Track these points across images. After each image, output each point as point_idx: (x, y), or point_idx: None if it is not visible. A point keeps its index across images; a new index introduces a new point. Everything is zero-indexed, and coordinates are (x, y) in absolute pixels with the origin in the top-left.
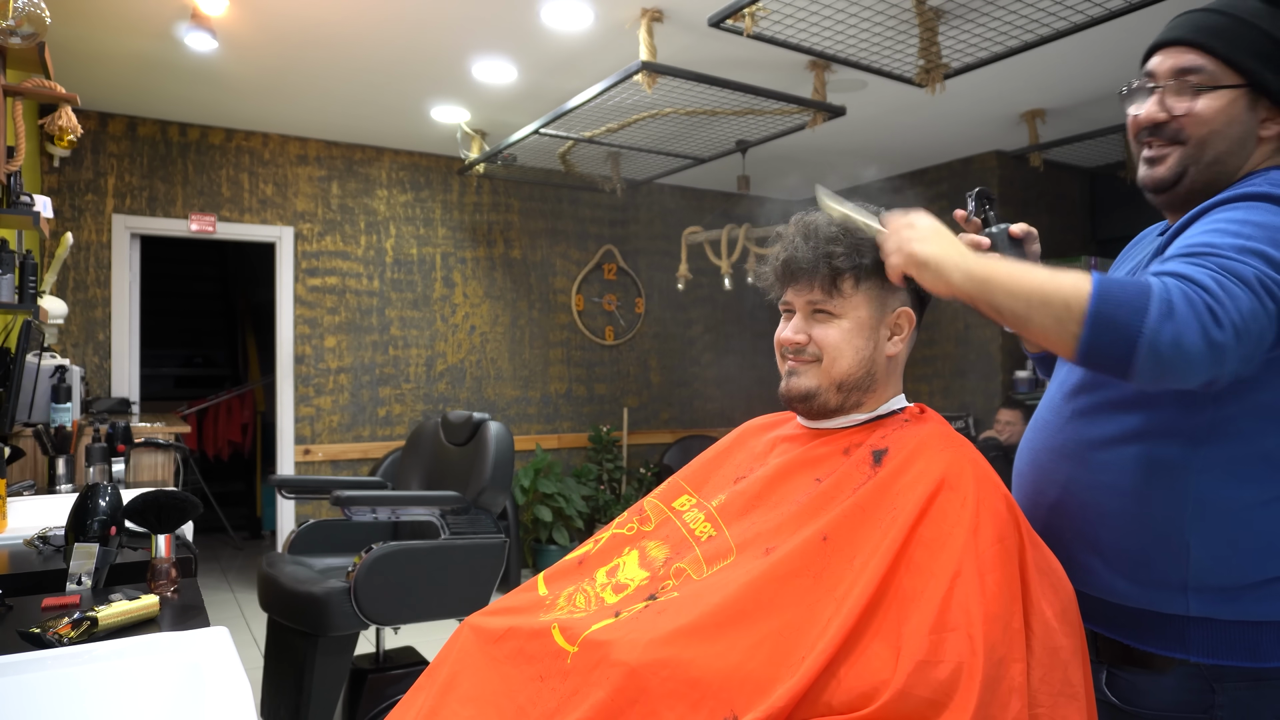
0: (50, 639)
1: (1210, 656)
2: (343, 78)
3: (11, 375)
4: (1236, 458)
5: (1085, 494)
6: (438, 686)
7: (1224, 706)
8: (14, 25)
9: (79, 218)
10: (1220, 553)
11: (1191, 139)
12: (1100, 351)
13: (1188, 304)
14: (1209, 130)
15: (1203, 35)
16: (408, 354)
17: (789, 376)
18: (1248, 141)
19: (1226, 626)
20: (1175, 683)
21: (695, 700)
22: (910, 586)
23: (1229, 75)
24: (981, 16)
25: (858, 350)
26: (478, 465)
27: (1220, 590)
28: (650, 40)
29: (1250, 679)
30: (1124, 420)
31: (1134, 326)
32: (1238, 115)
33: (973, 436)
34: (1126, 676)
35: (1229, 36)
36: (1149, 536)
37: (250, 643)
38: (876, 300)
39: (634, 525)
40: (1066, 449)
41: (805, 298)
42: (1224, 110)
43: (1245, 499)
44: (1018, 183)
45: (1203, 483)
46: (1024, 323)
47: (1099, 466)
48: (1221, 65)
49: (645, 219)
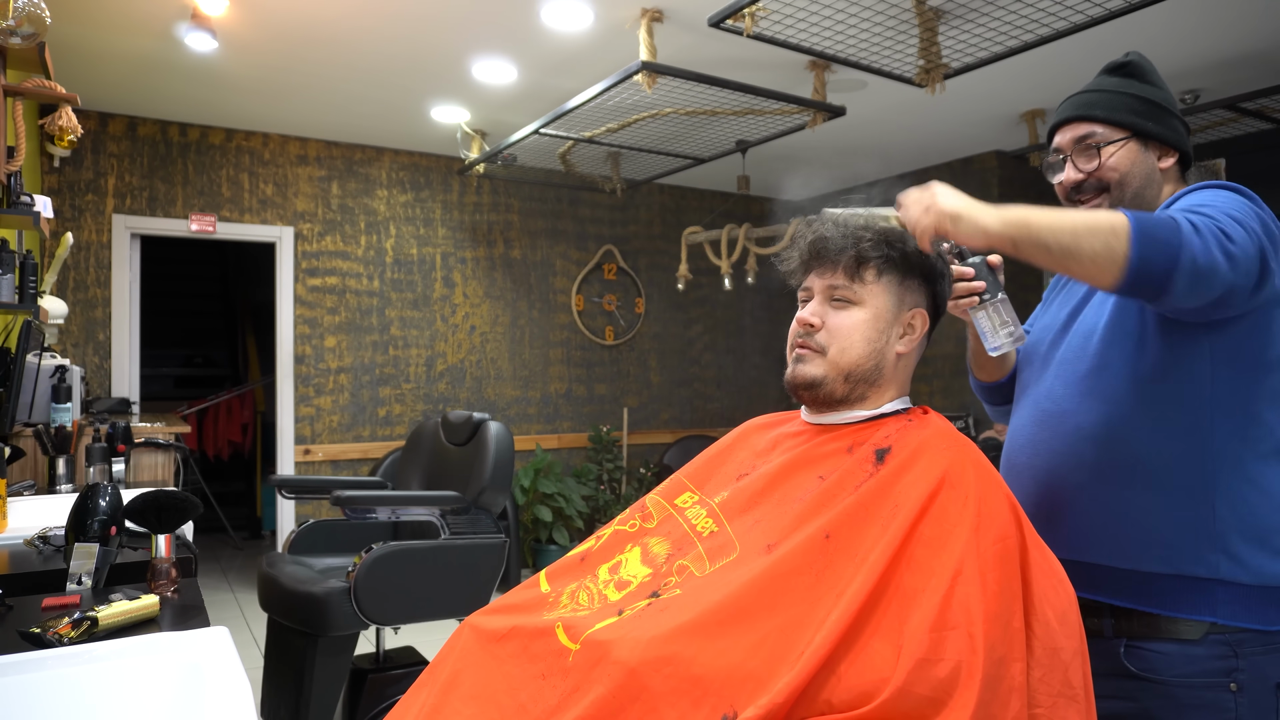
0: (50, 639)
1: (1236, 619)
2: (343, 78)
3: (12, 375)
4: (1250, 413)
5: (1108, 470)
6: (440, 685)
7: (1244, 670)
8: (14, 25)
9: (79, 218)
10: (1246, 507)
11: (1111, 183)
12: (1148, 268)
13: (1206, 226)
14: (1121, 173)
15: (1086, 109)
16: (408, 354)
17: (796, 363)
18: (1153, 175)
19: (1251, 591)
20: (1201, 650)
21: (697, 698)
22: (911, 584)
23: (1116, 132)
24: (981, 16)
25: (870, 341)
26: (478, 465)
27: (1249, 543)
28: (650, 40)
29: (1263, 645)
30: (1137, 393)
31: (1173, 245)
32: (1136, 157)
33: (973, 436)
34: (1150, 646)
35: (1105, 105)
36: (1174, 500)
37: (250, 643)
38: (895, 295)
39: (636, 522)
40: (1082, 431)
41: (827, 281)
42: (1125, 156)
43: (1262, 450)
44: (1018, 183)
45: (1220, 440)
46: (1071, 252)
47: (1119, 442)
48: (1107, 127)
49: (645, 219)
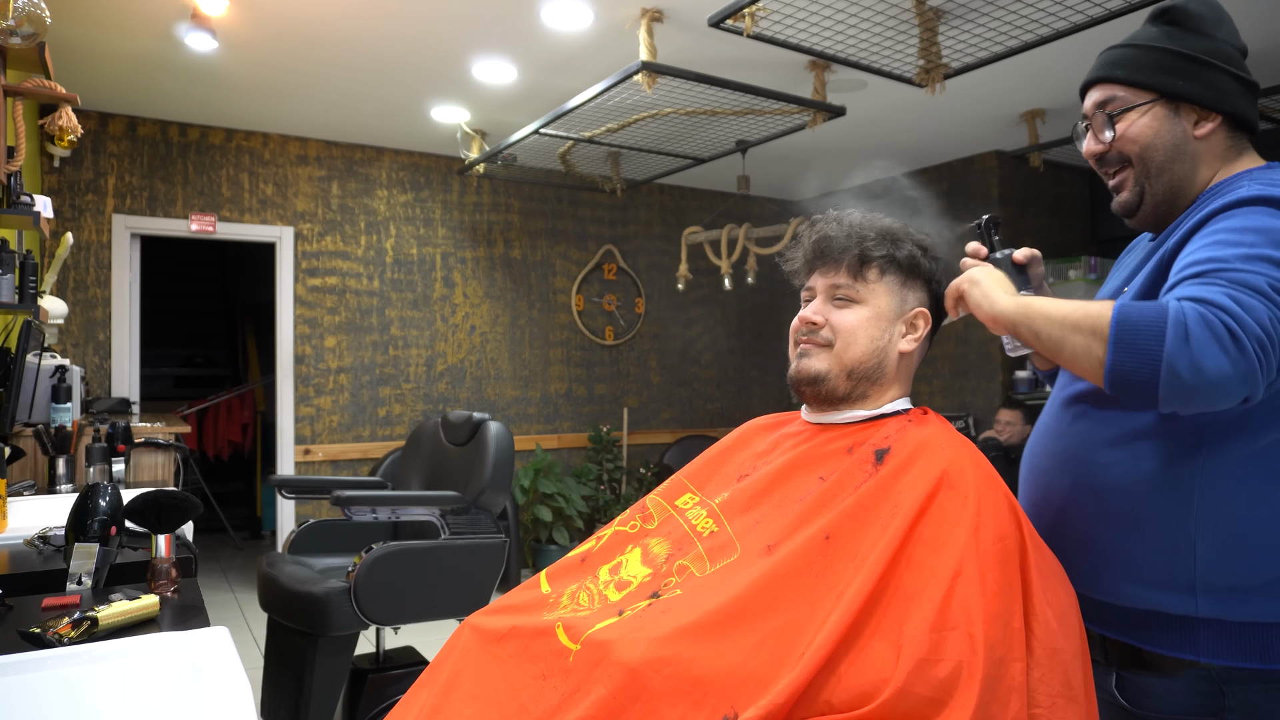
0: (50, 639)
1: (1219, 658)
2: (343, 78)
3: (11, 375)
4: (1243, 457)
5: (1091, 498)
6: (440, 685)
7: (1234, 710)
8: (14, 25)
9: (79, 218)
10: (1228, 553)
11: (1131, 156)
12: (1125, 377)
13: (1204, 326)
14: (1140, 145)
15: (1109, 69)
16: (408, 354)
17: (800, 358)
18: (1186, 145)
19: (1236, 628)
20: (1184, 685)
21: (697, 699)
22: (911, 584)
23: (1139, 95)
24: (981, 16)
25: (873, 339)
26: (478, 465)
27: (1230, 590)
28: (650, 40)
29: (1260, 681)
30: (1127, 422)
31: (1153, 352)
32: (1162, 125)
33: (973, 436)
34: (1135, 679)
35: (1130, 63)
36: (1156, 538)
37: (250, 643)
38: (897, 295)
39: (636, 523)
40: (1070, 453)
41: (830, 280)
42: (1147, 125)
43: (1252, 497)
44: (1018, 183)
45: (1209, 482)
46: (1058, 349)
47: (1103, 469)
48: (1130, 89)
49: (645, 219)
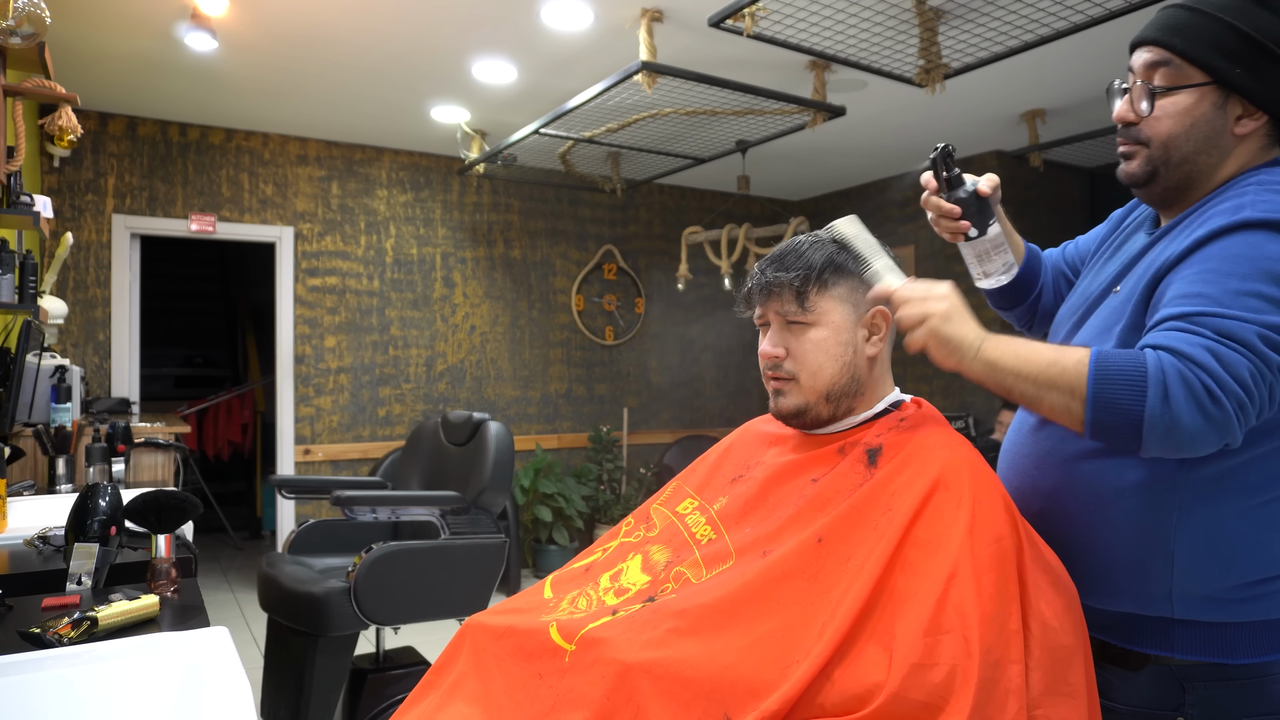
0: (50, 639)
1: (1188, 653)
2: (343, 77)
3: (11, 375)
4: (1223, 470)
5: (1069, 503)
6: (446, 687)
7: (1194, 705)
8: (14, 25)
9: (79, 218)
10: (1206, 562)
11: (1154, 141)
12: (1105, 433)
13: (1183, 386)
14: (1169, 134)
15: (1166, 33)
16: (408, 354)
17: (775, 397)
18: (1219, 140)
19: (1208, 627)
20: (1147, 680)
21: (687, 700)
22: (904, 587)
23: (1193, 73)
24: (981, 16)
25: (836, 359)
26: (478, 465)
27: (1206, 599)
28: (650, 40)
29: (1220, 678)
30: None
31: (1134, 411)
32: (1202, 115)
33: (973, 436)
34: (1102, 673)
35: (1192, 33)
36: (1134, 545)
37: (250, 643)
38: (849, 304)
39: (640, 532)
40: (1050, 458)
41: (776, 309)
42: (1186, 112)
43: (1231, 508)
44: (1018, 183)
45: (1189, 494)
46: (1035, 403)
47: (1082, 476)
48: (1184, 62)
49: (645, 219)
